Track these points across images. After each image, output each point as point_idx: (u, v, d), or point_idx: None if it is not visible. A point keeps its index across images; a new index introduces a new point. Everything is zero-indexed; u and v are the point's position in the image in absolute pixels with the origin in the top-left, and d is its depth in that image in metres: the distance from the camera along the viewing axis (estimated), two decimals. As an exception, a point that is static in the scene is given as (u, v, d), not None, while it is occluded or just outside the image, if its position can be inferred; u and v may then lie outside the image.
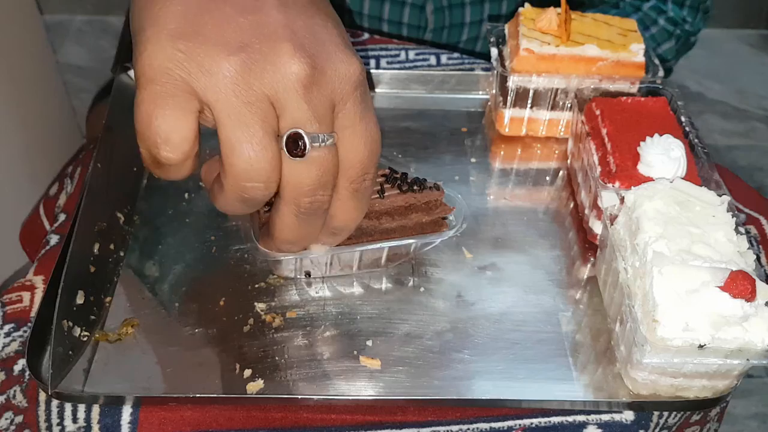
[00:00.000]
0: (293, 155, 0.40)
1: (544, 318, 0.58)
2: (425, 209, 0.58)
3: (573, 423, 0.53)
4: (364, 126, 0.43)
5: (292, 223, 0.44)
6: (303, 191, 0.42)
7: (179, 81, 0.39)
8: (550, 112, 0.73)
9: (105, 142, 0.64)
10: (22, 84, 1.36)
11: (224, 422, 0.52)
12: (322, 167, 0.41)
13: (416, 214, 0.58)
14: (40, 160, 1.39)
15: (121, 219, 0.63)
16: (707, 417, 0.58)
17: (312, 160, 0.41)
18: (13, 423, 0.52)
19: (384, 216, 0.57)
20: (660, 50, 0.94)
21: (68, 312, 0.53)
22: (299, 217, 0.44)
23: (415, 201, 0.57)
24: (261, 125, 0.39)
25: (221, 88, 0.38)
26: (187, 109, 0.39)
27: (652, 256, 0.51)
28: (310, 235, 0.47)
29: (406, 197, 0.56)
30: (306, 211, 0.43)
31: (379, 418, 0.53)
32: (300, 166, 0.41)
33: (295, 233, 0.46)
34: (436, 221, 0.59)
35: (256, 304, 0.58)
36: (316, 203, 0.43)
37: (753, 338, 0.48)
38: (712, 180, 0.61)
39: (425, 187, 0.57)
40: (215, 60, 0.38)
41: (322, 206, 0.43)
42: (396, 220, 0.57)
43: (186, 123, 0.39)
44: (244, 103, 0.39)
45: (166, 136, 0.40)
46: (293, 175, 0.41)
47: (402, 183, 0.56)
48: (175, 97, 0.39)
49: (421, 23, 0.95)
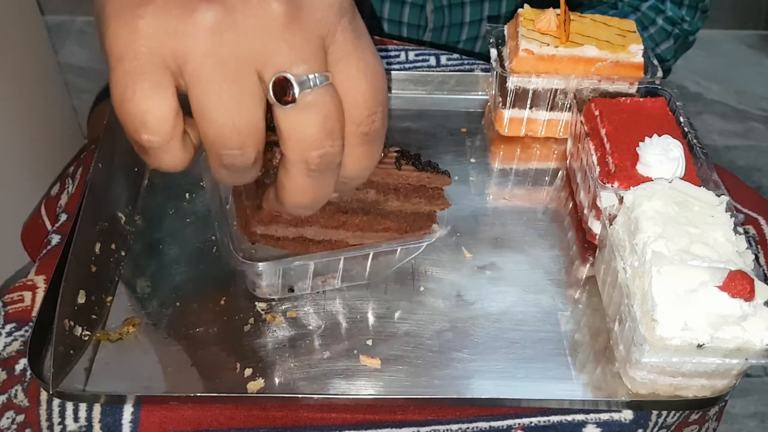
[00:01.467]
0: (283, 103, 0.35)
1: (544, 317, 0.58)
2: (429, 196, 0.56)
3: (572, 422, 0.53)
4: (359, 56, 0.37)
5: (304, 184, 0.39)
6: (308, 144, 0.37)
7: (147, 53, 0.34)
8: (549, 112, 0.73)
9: (106, 143, 0.64)
10: (24, 84, 1.36)
11: (225, 421, 0.52)
12: (322, 112, 0.36)
13: (419, 199, 0.56)
14: (42, 160, 1.39)
15: (122, 219, 0.63)
16: (706, 416, 0.59)
17: (308, 106, 0.35)
18: (15, 422, 0.52)
19: (392, 192, 0.54)
20: (659, 50, 0.94)
21: (69, 311, 0.53)
22: (311, 176, 0.38)
23: (427, 182, 0.55)
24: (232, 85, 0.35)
25: (190, 48, 0.34)
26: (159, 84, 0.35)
27: (651, 255, 0.51)
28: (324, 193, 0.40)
29: (421, 176, 0.54)
30: (317, 167, 0.37)
31: (379, 417, 0.53)
32: (297, 116, 0.36)
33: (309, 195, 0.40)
34: (429, 215, 0.57)
35: (257, 303, 0.58)
36: (327, 156, 0.37)
37: (751, 337, 0.48)
38: (710, 180, 0.61)
39: (439, 170, 0.55)
40: (179, 19, 0.34)
41: (334, 159, 0.38)
42: (399, 201, 0.55)
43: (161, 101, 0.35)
44: (215, 62, 0.34)
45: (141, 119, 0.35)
46: (292, 128, 0.36)
47: (417, 161, 0.54)
48: (143, 74, 0.35)
49: (421, 22, 0.96)
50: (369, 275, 0.59)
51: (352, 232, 0.56)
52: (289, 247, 0.56)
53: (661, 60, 0.94)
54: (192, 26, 0.34)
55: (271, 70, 0.35)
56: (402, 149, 0.55)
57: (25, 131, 1.37)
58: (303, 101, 0.35)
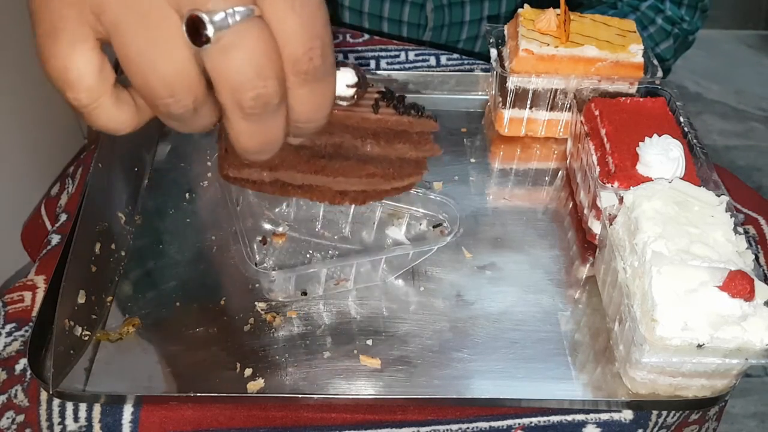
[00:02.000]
0: (198, 44, 0.33)
1: (544, 317, 0.58)
2: (415, 141, 0.52)
3: (572, 422, 0.53)
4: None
5: (246, 129, 0.36)
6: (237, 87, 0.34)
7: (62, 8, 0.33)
8: (549, 112, 0.73)
9: (106, 143, 0.64)
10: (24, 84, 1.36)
11: (225, 421, 0.52)
12: (245, 51, 0.33)
13: (403, 145, 0.51)
14: (42, 160, 1.39)
15: (122, 219, 0.63)
16: (706, 416, 0.59)
17: (229, 45, 0.32)
18: (15, 422, 0.52)
19: (370, 137, 0.50)
20: (658, 49, 0.94)
21: (69, 311, 0.53)
22: (250, 120, 0.36)
23: (409, 127, 0.50)
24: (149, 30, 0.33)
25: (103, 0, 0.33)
26: (77, 39, 0.34)
27: (651, 255, 0.51)
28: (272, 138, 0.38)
29: (401, 120, 0.50)
30: (252, 110, 0.35)
31: (379, 417, 0.53)
32: (218, 57, 0.33)
33: (255, 140, 0.37)
34: (418, 162, 0.53)
35: (257, 303, 0.58)
36: (262, 99, 0.34)
37: (751, 337, 0.48)
38: (710, 180, 0.61)
39: (423, 114, 0.51)
40: None
41: (271, 100, 0.35)
42: (380, 146, 0.50)
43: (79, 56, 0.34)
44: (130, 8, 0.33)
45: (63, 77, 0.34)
46: (216, 71, 0.33)
47: (399, 103, 0.50)
48: (60, 32, 0.34)
49: (421, 21, 0.96)
50: (381, 276, 0.60)
51: (333, 177, 0.52)
52: (268, 190, 0.52)
53: (660, 59, 0.94)
54: None
55: (185, 8, 0.32)
56: (385, 89, 0.50)
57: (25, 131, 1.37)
58: (223, 41, 0.32)
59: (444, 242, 0.58)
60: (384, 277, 0.60)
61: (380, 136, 0.50)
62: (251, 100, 0.34)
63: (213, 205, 0.66)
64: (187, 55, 0.33)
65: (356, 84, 0.47)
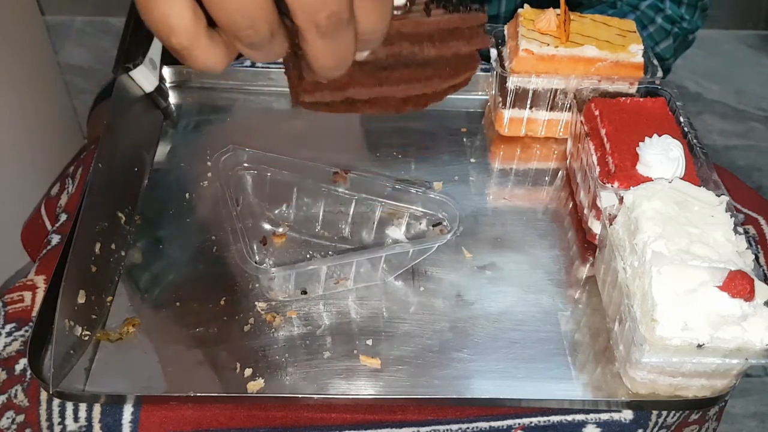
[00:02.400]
0: None
1: (544, 317, 0.59)
2: (467, 36, 0.55)
3: (572, 422, 0.53)
4: None
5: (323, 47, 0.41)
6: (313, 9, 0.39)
7: None
8: (549, 112, 0.73)
9: (106, 143, 0.64)
10: (24, 84, 1.36)
11: (225, 421, 0.52)
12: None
13: (456, 41, 0.54)
14: (42, 160, 1.39)
15: (122, 219, 0.63)
16: (706, 416, 0.59)
17: None
18: (15, 422, 0.52)
19: (426, 41, 0.53)
20: (658, 49, 0.94)
21: (69, 311, 0.53)
22: (326, 37, 0.40)
23: (460, 23, 0.54)
24: None
25: None
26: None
27: (651, 255, 0.51)
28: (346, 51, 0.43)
29: (453, 18, 0.53)
30: (327, 27, 0.40)
31: (379, 417, 0.53)
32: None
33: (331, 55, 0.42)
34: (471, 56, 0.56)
35: (257, 303, 0.58)
36: (335, 15, 0.39)
37: (751, 337, 0.48)
38: (710, 180, 0.61)
39: (471, 8, 0.54)
40: None
41: (343, 15, 0.40)
42: (436, 48, 0.54)
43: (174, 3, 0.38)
44: None
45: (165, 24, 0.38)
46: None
47: (447, 3, 0.53)
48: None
49: None
50: (381, 275, 0.59)
51: (397, 86, 0.55)
52: (340, 109, 0.55)
53: (660, 59, 0.94)
54: None
55: None
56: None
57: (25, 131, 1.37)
58: None
59: (444, 240, 0.58)
60: (384, 277, 0.60)
61: (435, 37, 0.53)
62: (326, 18, 0.38)
63: (213, 205, 0.66)
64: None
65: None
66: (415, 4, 0.52)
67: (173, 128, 0.74)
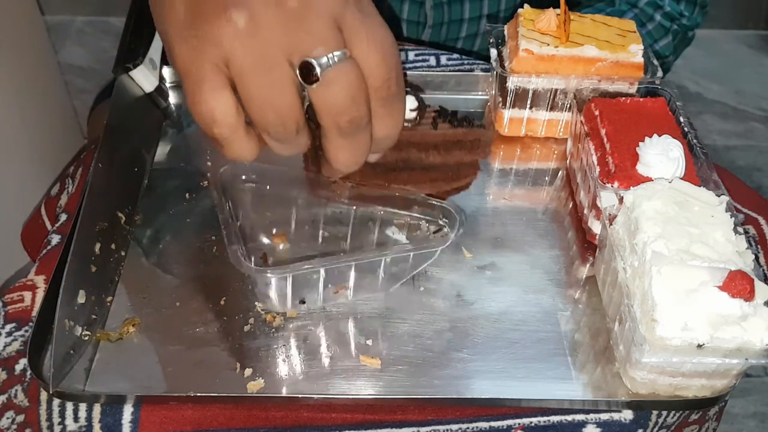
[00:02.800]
0: (309, 83, 0.42)
1: (544, 317, 0.58)
2: (469, 147, 0.61)
3: (572, 422, 0.53)
4: (368, 31, 0.44)
5: (342, 145, 0.46)
6: (337, 112, 0.43)
7: (204, 63, 0.42)
8: (549, 112, 0.73)
9: (106, 143, 0.64)
10: (24, 84, 1.36)
11: (225, 421, 0.52)
12: (343, 84, 0.42)
13: (460, 152, 0.61)
14: (42, 160, 1.39)
15: (122, 219, 0.63)
16: (706, 416, 0.59)
17: (330, 81, 0.42)
18: (15, 422, 0.52)
19: (432, 149, 0.60)
20: (657, 46, 0.94)
21: (69, 311, 0.53)
22: (345, 138, 0.45)
23: (463, 137, 0.60)
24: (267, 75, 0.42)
25: (230, 52, 0.41)
26: (217, 86, 0.42)
27: (651, 255, 0.51)
28: (361, 151, 0.47)
29: (457, 132, 0.60)
30: (347, 129, 0.44)
31: (379, 417, 0.53)
32: (324, 91, 0.42)
33: (348, 154, 0.47)
34: (472, 164, 0.63)
35: (257, 303, 0.58)
36: (356, 120, 0.44)
37: (751, 338, 0.48)
38: (710, 180, 0.61)
39: (474, 124, 0.61)
40: (218, 30, 0.41)
41: (362, 121, 0.44)
42: (441, 155, 0.60)
43: (221, 98, 0.42)
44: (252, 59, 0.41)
45: (210, 116, 0.43)
46: (322, 102, 0.43)
47: (453, 118, 0.60)
48: (204, 81, 0.42)
49: (421, 19, 0.96)
50: (382, 285, 0.59)
51: (404, 185, 0.61)
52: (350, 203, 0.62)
53: (660, 56, 0.94)
54: (228, 34, 0.41)
55: (297, 56, 0.42)
56: (440, 108, 0.60)
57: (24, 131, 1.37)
58: (326, 78, 0.42)
59: (446, 244, 0.58)
60: (385, 287, 0.59)
61: (440, 147, 0.61)
62: (347, 122, 0.44)
63: (213, 205, 0.65)
64: (295, 92, 0.42)
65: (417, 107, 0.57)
66: (424, 118, 0.59)
67: (173, 128, 0.74)
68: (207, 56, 0.42)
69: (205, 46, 0.42)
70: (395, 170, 0.60)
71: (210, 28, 0.41)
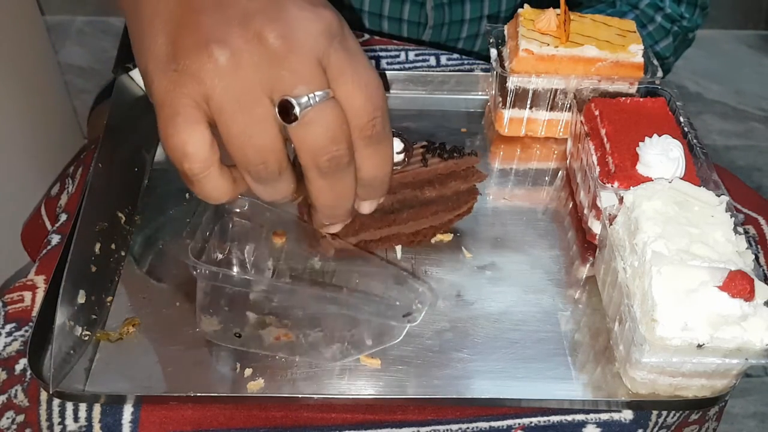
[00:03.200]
0: (288, 122, 0.41)
1: (544, 317, 0.58)
2: (463, 176, 0.60)
3: (572, 422, 0.53)
4: (353, 71, 0.43)
5: (322, 186, 0.45)
6: (316, 151, 0.43)
7: (181, 98, 0.41)
8: (549, 112, 0.73)
9: (106, 143, 0.64)
10: (24, 84, 1.36)
11: (225, 421, 0.52)
12: (322, 124, 0.42)
13: (455, 181, 0.60)
14: (42, 160, 1.39)
15: (122, 219, 0.63)
16: (706, 416, 0.59)
17: (310, 121, 0.41)
18: (15, 422, 0.52)
19: (426, 185, 0.59)
20: (657, 47, 0.94)
21: (69, 311, 0.53)
22: (326, 178, 0.44)
23: (456, 167, 0.59)
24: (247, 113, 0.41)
25: (210, 88, 0.41)
26: (193, 120, 0.41)
27: (651, 255, 0.51)
28: (345, 194, 0.47)
29: (448, 164, 0.59)
30: (327, 169, 0.43)
31: (379, 417, 0.53)
32: (302, 130, 0.42)
33: (330, 195, 0.46)
34: (470, 190, 0.62)
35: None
36: (335, 159, 0.43)
37: (751, 338, 0.48)
38: (710, 180, 0.61)
39: (464, 153, 0.59)
40: (198, 66, 0.41)
41: (342, 160, 0.44)
42: (437, 189, 0.60)
43: (194, 133, 0.41)
44: (232, 97, 0.41)
45: (182, 151, 0.42)
46: (301, 141, 0.42)
47: (442, 151, 0.59)
48: (179, 115, 0.41)
49: (421, 19, 0.96)
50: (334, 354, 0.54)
51: (405, 224, 0.61)
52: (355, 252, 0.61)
53: (660, 57, 0.94)
54: (209, 71, 0.40)
55: (277, 95, 0.41)
56: (427, 143, 0.59)
57: (25, 131, 1.37)
58: (306, 118, 0.41)
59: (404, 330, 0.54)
60: (336, 357, 0.54)
61: (434, 181, 0.60)
62: (326, 161, 0.43)
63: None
64: (276, 131, 0.42)
65: (404, 149, 0.57)
66: (413, 156, 0.58)
67: (173, 128, 0.74)
68: (185, 90, 0.41)
69: (185, 80, 0.41)
70: (393, 212, 0.59)
71: (190, 63, 0.41)
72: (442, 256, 0.63)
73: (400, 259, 0.62)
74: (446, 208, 0.62)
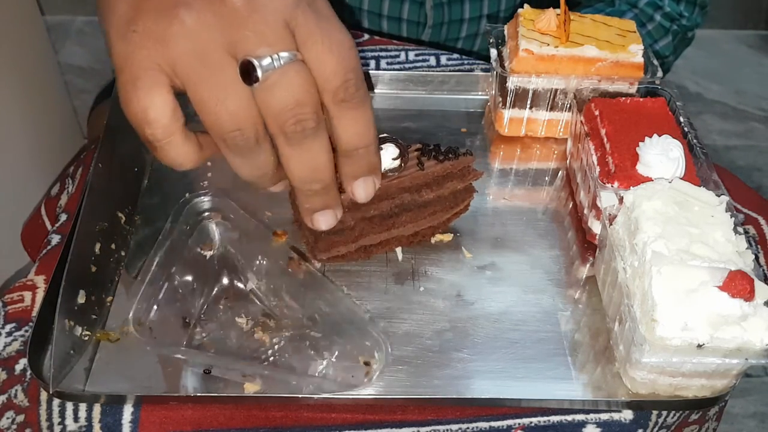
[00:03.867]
0: (249, 83, 0.40)
1: (544, 317, 0.58)
2: (459, 176, 0.60)
3: (572, 422, 0.53)
4: (322, 34, 0.41)
5: (291, 154, 0.43)
6: (280, 115, 0.41)
7: (142, 61, 0.40)
8: (549, 112, 0.73)
9: (106, 143, 0.64)
10: (24, 84, 1.36)
11: (225, 421, 0.52)
12: (286, 86, 0.40)
13: (452, 182, 0.60)
14: (42, 160, 1.39)
15: (122, 219, 0.63)
16: (706, 416, 0.59)
17: (273, 83, 0.40)
18: (15, 422, 0.52)
19: (424, 188, 0.59)
20: (657, 46, 0.94)
21: (69, 311, 0.53)
22: (293, 145, 0.42)
23: (452, 168, 0.59)
24: (215, 75, 0.40)
25: (175, 51, 0.39)
26: (154, 84, 0.40)
27: (651, 255, 0.51)
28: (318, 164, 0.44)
29: (444, 166, 0.59)
30: (293, 134, 0.41)
31: (379, 417, 0.53)
32: (266, 93, 0.40)
33: (301, 165, 0.43)
34: (467, 188, 0.62)
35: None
36: (301, 123, 0.41)
37: (751, 338, 0.48)
38: (710, 180, 0.61)
39: (459, 154, 0.60)
40: (162, 28, 0.39)
41: (307, 124, 0.41)
42: (434, 191, 0.60)
43: (156, 97, 0.40)
44: (198, 59, 0.39)
45: (143, 116, 0.40)
46: (264, 104, 0.40)
47: (438, 153, 0.59)
48: (140, 79, 0.40)
49: (421, 19, 0.96)
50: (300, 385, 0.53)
51: (404, 226, 0.61)
52: (355, 257, 0.61)
53: (659, 56, 0.94)
54: (172, 33, 0.39)
55: (241, 55, 0.39)
56: (422, 146, 0.59)
57: (25, 131, 1.37)
58: (268, 80, 0.39)
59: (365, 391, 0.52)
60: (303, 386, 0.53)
61: (431, 183, 0.60)
62: (292, 126, 0.41)
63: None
64: (248, 94, 0.40)
65: (399, 155, 0.56)
66: (409, 161, 0.58)
67: (173, 128, 0.74)
68: (146, 52, 0.39)
69: (146, 42, 0.39)
70: (392, 216, 0.59)
71: (153, 25, 0.39)
72: (442, 256, 0.63)
73: (401, 259, 0.62)
74: (444, 208, 0.62)
